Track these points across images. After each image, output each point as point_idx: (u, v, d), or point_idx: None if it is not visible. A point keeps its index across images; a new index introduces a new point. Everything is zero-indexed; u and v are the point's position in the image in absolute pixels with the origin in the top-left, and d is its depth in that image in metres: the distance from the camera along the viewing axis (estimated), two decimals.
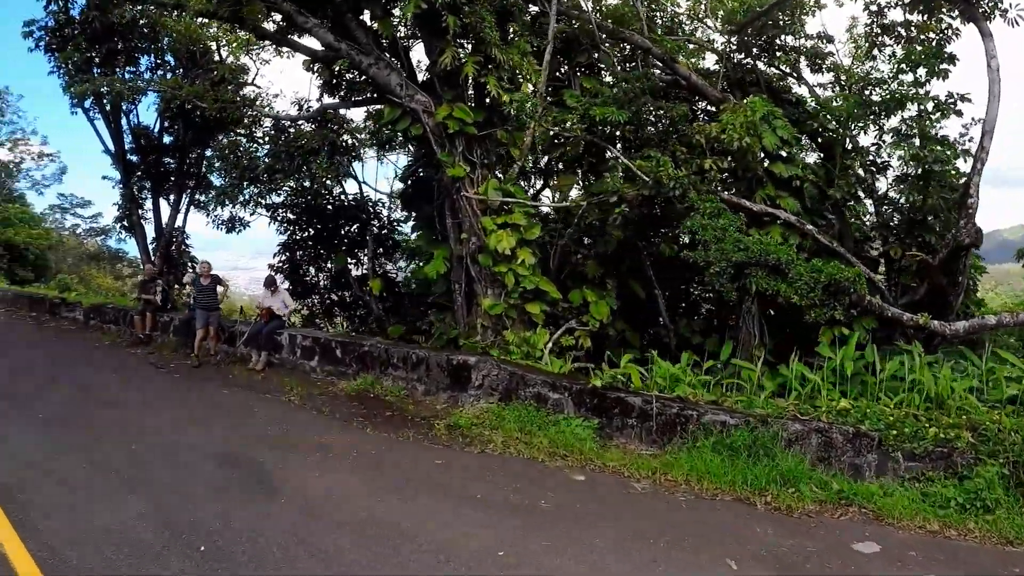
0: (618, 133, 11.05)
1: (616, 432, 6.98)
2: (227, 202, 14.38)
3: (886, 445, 5.95)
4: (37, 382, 9.42)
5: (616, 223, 11.58)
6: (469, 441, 6.99)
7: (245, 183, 12.33)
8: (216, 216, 15.15)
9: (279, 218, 15.06)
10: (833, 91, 12.67)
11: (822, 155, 12.12)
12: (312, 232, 15.10)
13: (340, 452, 6.61)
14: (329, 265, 15.03)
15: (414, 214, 12.11)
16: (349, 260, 14.42)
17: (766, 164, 10.76)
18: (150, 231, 19.90)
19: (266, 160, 11.76)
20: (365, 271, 14.56)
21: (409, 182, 12.38)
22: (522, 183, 11.81)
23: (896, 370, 7.57)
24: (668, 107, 10.99)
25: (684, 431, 6.56)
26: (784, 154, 10.77)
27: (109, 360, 11.44)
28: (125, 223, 20.12)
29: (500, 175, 10.88)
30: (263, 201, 14.83)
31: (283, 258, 15.40)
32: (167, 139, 19.60)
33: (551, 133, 11.49)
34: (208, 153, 19.92)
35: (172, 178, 19.17)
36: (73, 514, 4.97)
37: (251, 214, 15.20)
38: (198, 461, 6.24)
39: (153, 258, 19.22)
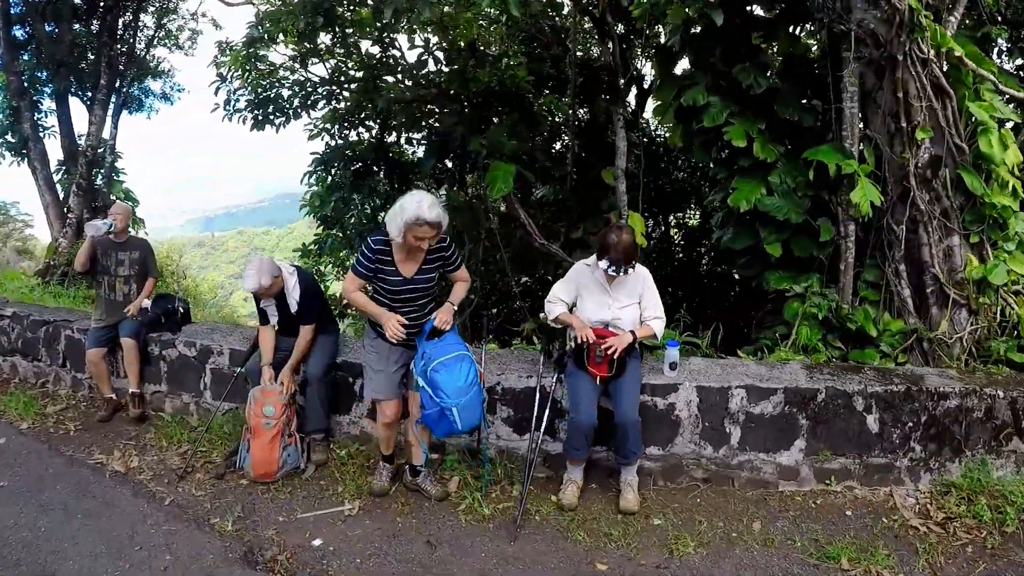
0: None
1: None
2: (251, 67, 7.24)
3: None
4: None
5: None
6: None
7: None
8: (232, 99, 7.80)
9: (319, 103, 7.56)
10: None
11: None
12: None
13: None
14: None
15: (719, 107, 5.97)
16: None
17: None
18: (54, 151, 12.37)
19: None
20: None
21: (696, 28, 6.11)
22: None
23: None
24: None
25: None
26: None
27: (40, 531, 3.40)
28: (9, 137, 12.37)
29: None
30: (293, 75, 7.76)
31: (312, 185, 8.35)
32: None
33: None
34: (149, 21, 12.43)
35: (89, 57, 11.63)
36: None
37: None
38: None
39: (68, 198, 11.97)
